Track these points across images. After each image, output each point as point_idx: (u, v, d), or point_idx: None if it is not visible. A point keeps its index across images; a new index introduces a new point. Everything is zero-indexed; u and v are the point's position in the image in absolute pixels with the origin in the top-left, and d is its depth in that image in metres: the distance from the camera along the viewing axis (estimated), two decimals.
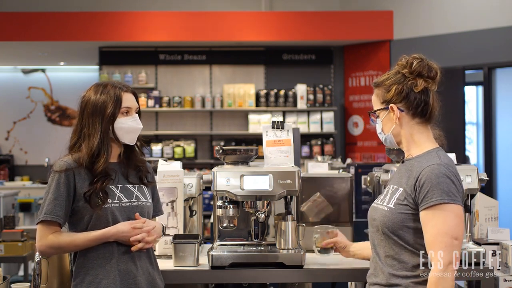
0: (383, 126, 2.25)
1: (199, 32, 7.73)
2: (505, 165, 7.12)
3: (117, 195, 2.32)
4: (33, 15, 7.81)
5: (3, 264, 5.82)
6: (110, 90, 2.34)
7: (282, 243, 2.62)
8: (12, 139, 9.86)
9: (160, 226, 2.42)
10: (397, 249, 2.13)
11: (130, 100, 2.37)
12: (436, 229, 2.02)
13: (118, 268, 2.27)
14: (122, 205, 2.31)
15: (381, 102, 2.23)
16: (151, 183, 2.46)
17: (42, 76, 9.92)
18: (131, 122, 2.35)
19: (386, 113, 2.23)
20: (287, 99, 7.99)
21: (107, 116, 2.31)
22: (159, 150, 7.88)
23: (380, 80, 2.26)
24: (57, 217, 2.25)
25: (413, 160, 2.20)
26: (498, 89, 7.08)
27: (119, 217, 2.29)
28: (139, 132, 2.40)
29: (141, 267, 2.32)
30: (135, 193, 2.37)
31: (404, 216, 2.11)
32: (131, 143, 2.38)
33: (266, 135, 2.71)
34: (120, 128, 2.33)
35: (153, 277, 2.36)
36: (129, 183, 2.38)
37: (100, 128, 2.30)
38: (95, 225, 2.28)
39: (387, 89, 2.21)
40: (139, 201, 2.36)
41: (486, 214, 3.09)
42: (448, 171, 2.07)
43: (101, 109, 2.31)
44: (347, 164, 4.61)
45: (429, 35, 7.38)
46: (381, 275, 2.17)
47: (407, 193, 2.12)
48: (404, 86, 2.18)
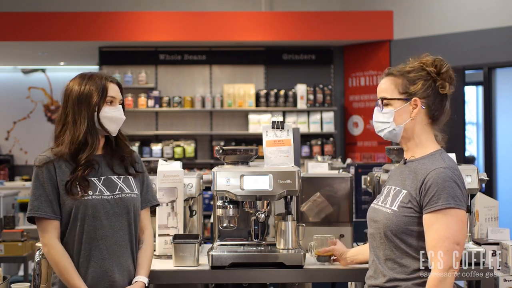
0: (396, 117, 2.18)
1: (199, 32, 7.73)
2: (505, 165, 7.11)
3: (99, 187, 2.30)
4: (33, 15, 7.81)
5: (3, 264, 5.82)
6: (96, 80, 2.34)
7: (282, 243, 2.62)
8: (12, 139, 9.86)
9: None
10: (398, 253, 2.12)
11: (115, 90, 2.37)
12: (439, 234, 2.01)
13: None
14: (104, 198, 2.29)
15: (401, 92, 2.18)
16: (139, 172, 2.44)
17: (42, 76, 9.92)
18: (115, 112, 2.35)
19: (404, 104, 2.17)
20: (287, 99, 7.99)
21: (93, 105, 2.30)
22: (159, 150, 7.88)
23: (402, 70, 2.20)
24: (44, 213, 2.25)
25: (417, 162, 2.18)
26: (498, 89, 7.08)
27: (101, 211, 2.28)
28: (121, 122, 2.38)
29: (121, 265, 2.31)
30: (119, 185, 2.35)
31: (408, 219, 2.10)
32: (113, 133, 2.37)
33: (266, 135, 2.71)
34: (104, 117, 2.32)
35: (130, 270, 2.35)
36: (114, 174, 2.36)
37: (87, 118, 2.29)
38: (76, 219, 2.26)
39: (412, 82, 2.17)
40: (122, 193, 2.34)
41: (486, 214, 3.09)
42: (454, 175, 2.06)
43: (87, 98, 2.30)
44: (347, 164, 4.61)
45: (429, 35, 7.38)
46: (381, 278, 2.17)
47: (411, 196, 2.11)
48: (431, 84, 2.17)
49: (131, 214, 2.35)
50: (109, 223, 2.30)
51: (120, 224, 2.32)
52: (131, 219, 2.36)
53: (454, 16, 7.24)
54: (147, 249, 2.43)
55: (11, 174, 9.48)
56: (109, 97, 2.34)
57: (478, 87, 8.41)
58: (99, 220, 2.28)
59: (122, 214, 2.33)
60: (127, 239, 2.34)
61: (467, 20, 7.08)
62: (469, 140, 8.36)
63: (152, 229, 2.51)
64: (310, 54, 8.29)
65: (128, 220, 2.35)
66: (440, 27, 7.32)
